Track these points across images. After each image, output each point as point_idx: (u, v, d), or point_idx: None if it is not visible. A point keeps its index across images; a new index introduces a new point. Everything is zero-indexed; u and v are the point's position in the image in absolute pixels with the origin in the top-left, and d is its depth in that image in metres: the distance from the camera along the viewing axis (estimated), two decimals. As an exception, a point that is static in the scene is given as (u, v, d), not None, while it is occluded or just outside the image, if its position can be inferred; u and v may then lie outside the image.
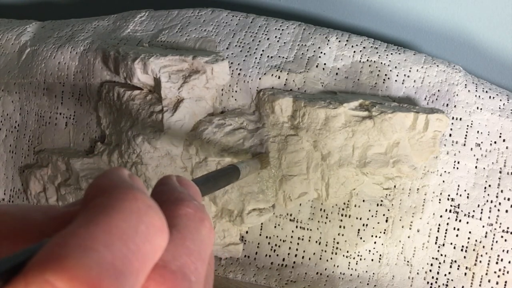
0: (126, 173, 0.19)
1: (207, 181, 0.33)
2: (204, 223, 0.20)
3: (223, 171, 0.39)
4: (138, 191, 0.17)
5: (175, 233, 0.18)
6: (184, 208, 0.19)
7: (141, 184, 0.19)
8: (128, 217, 0.16)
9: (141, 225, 0.16)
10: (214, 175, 0.36)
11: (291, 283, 0.49)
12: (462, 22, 0.58)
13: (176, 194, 0.20)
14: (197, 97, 0.48)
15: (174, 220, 0.19)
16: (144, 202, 0.17)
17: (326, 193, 0.47)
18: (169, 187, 0.21)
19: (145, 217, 0.17)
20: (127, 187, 0.17)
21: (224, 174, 0.38)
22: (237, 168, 0.39)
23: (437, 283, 0.48)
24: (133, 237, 0.16)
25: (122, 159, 0.50)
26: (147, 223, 0.17)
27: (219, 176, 0.36)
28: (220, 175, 0.36)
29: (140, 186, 0.19)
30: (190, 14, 0.56)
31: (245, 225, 0.49)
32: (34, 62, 0.58)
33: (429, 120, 0.44)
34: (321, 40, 0.51)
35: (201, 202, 0.21)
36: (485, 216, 0.47)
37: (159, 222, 0.17)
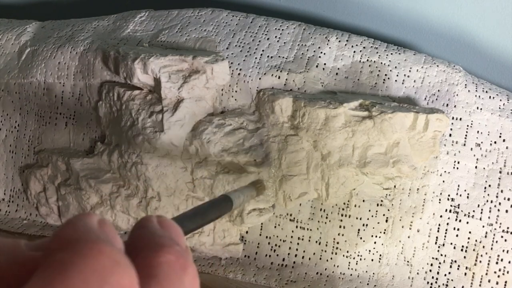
0: (95, 220, 0.17)
1: (194, 216, 0.31)
2: (187, 271, 0.18)
3: (214, 202, 0.38)
4: (105, 243, 0.16)
5: (153, 285, 0.17)
6: (164, 255, 0.18)
7: (111, 233, 0.17)
8: (90, 277, 0.15)
9: (105, 286, 0.15)
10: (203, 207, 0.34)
11: (291, 283, 0.49)
12: (462, 22, 0.58)
13: (156, 239, 0.18)
14: (197, 97, 0.48)
15: (153, 269, 0.17)
16: (110, 257, 0.15)
17: (326, 193, 0.47)
18: (148, 230, 0.19)
19: (111, 276, 0.15)
20: (92, 240, 0.16)
21: (215, 206, 0.36)
22: (229, 198, 0.37)
23: (437, 283, 0.48)
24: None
25: (122, 159, 0.50)
26: (112, 283, 0.15)
27: (209, 209, 0.34)
28: (209, 207, 0.35)
29: (109, 236, 0.17)
30: (190, 14, 0.56)
31: (245, 225, 0.49)
32: (34, 62, 0.58)
33: (429, 120, 0.44)
34: (321, 40, 0.51)
35: (184, 244, 0.19)
36: (485, 216, 0.47)
37: (127, 281, 0.15)
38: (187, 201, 0.49)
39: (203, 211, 0.32)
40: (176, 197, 0.49)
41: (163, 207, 0.50)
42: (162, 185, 0.49)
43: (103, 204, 0.52)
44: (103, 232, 0.17)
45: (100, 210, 0.52)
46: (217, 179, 0.48)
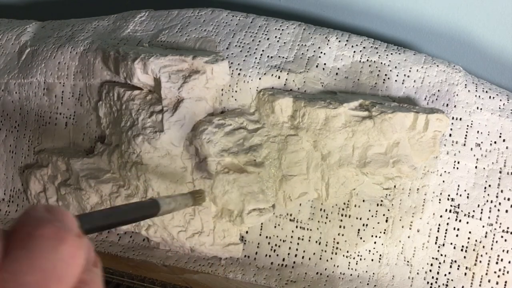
0: None
1: (111, 214, 0.31)
2: (65, 241, 0.19)
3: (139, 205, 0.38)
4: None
5: (22, 252, 0.18)
6: (39, 229, 0.18)
7: None
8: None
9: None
10: (125, 208, 0.34)
11: (291, 283, 0.49)
12: (462, 22, 0.58)
13: (34, 220, 0.19)
14: (197, 97, 0.48)
15: (25, 241, 0.18)
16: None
17: (326, 193, 0.47)
18: (31, 214, 0.20)
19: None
20: None
21: (138, 208, 0.36)
22: (157, 203, 0.37)
23: (437, 283, 0.48)
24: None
25: (122, 159, 0.50)
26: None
27: (130, 210, 0.34)
28: (133, 209, 0.35)
29: None
30: (190, 14, 0.56)
31: (245, 225, 0.49)
32: (34, 62, 0.58)
33: (429, 120, 0.44)
34: (321, 40, 0.51)
35: (74, 228, 0.20)
36: (485, 216, 0.47)
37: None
38: (187, 201, 0.49)
39: (123, 212, 0.32)
40: (176, 197, 0.49)
41: (163, 207, 0.50)
42: (162, 185, 0.49)
43: (103, 204, 0.52)
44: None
45: (100, 210, 0.52)
46: (217, 179, 0.48)
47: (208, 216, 0.50)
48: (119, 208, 0.33)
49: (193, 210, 0.50)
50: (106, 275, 0.49)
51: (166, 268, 0.51)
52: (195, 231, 0.50)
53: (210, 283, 0.49)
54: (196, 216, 0.50)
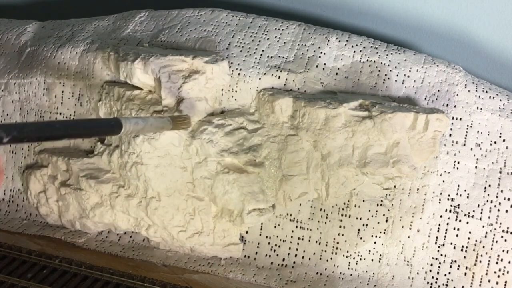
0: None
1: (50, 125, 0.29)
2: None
3: (97, 120, 0.36)
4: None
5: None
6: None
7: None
8: None
9: None
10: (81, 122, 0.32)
11: (291, 283, 0.49)
12: (462, 22, 0.58)
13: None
14: (197, 97, 0.48)
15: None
16: None
17: (326, 193, 0.47)
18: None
19: None
20: None
21: (95, 123, 0.34)
22: (119, 121, 0.35)
23: (437, 283, 0.48)
24: None
25: (122, 159, 0.50)
26: None
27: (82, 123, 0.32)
28: (84, 122, 0.33)
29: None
30: (190, 14, 0.56)
31: (245, 225, 0.49)
32: (34, 62, 0.58)
33: (429, 120, 0.44)
34: (321, 40, 0.51)
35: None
36: (485, 216, 0.47)
37: None
38: (187, 201, 0.49)
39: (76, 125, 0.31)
40: (176, 197, 0.49)
41: (163, 207, 0.50)
42: (162, 185, 0.49)
43: (103, 204, 0.52)
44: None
45: (100, 210, 0.52)
46: (217, 179, 0.48)
47: (208, 216, 0.50)
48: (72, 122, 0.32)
49: (193, 210, 0.50)
50: (106, 275, 0.49)
51: (166, 268, 0.51)
52: (195, 231, 0.50)
53: (210, 283, 0.49)
54: (196, 216, 0.50)
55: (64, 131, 0.30)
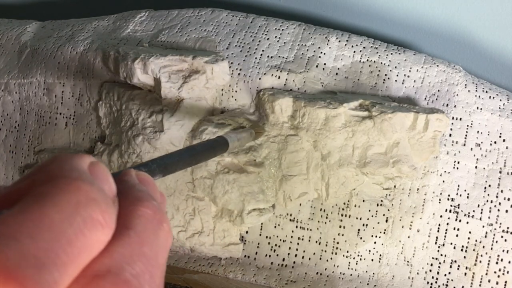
0: (85, 162, 0.18)
1: (182, 157, 0.30)
2: (163, 225, 0.18)
3: (208, 144, 0.36)
4: (85, 182, 0.16)
5: (132, 236, 0.17)
6: (142, 209, 0.18)
7: (101, 174, 0.18)
8: (64, 208, 0.16)
9: (77, 218, 0.16)
10: (197, 149, 0.32)
11: (291, 283, 0.49)
12: (462, 22, 0.58)
13: (134, 193, 0.19)
14: (197, 97, 0.48)
15: (132, 221, 0.18)
16: (87, 194, 0.16)
17: (326, 193, 0.47)
18: (128, 184, 0.20)
19: (84, 209, 0.16)
20: (72, 178, 0.16)
21: (209, 147, 0.35)
22: (226, 140, 0.36)
23: (437, 283, 0.48)
24: (65, 229, 0.15)
25: (122, 159, 0.50)
26: (84, 216, 0.16)
27: (202, 150, 0.33)
28: (203, 149, 0.33)
29: (98, 176, 0.18)
30: (190, 14, 0.56)
31: (245, 225, 0.49)
32: (34, 62, 0.58)
33: (429, 120, 0.44)
34: (321, 40, 0.51)
35: (158, 199, 0.20)
36: (485, 216, 0.47)
37: (100, 216, 0.16)
38: (187, 201, 0.49)
39: (194, 153, 0.31)
40: (176, 197, 0.49)
41: (163, 207, 0.50)
42: (162, 185, 0.49)
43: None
44: (88, 173, 0.17)
45: (100, 210, 0.52)
46: (217, 179, 0.48)
47: (208, 216, 0.50)
48: (191, 149, 0.32)
49: (193, 210, 0.50)
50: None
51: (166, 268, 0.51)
52: (195, 231, 0.50)
53: (210, 283, 0.49)
54: (196, 216, 0.50)
55: (189, 160, 0.31)
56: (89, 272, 0.16)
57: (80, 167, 0.17)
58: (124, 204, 0.18)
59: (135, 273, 0.16)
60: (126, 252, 0.17)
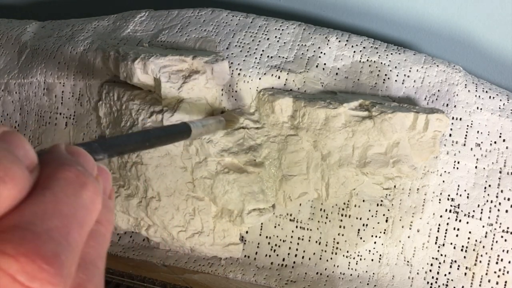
0: None
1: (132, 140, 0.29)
2: (87, 187, 0.19)
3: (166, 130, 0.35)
4: None
5: (48, 195, 0.17)
6: (63, 171, 0.18)
7: (15, 142, 0.18)
8: None
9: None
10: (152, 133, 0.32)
11: (291, 283, 0.49)
12: (462, 22, 0.58)
13: (58, 160, 0.19)
14: (197, 97, 0.48)
15: (50, 182, 0.18)
16: None
17: (326, 193, 0.47)
18: (53, 154, 0.20)
19: None
20: None
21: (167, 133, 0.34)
22: (188, 126, 0.35)
23: (437, 283, 0.48)
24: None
25: (122, 159, 0.50)
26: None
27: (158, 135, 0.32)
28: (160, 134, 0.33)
29: (10, 143, 0.18)
30: (190, 14, 0.56)
31: (245, 225, 0.49)
32: (34, 62, 0.58)
33: (429, 120, 0.44)
34: (321, 40, 0.51)
35: (93, 171, 0.20)
36: (485, 216, 0.47)
37: (1, 172, 0.16)
38: (187, 201, 0.49)
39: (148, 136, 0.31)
40: (176, 197, 0.49)
41: (163, 207, 0.50)
42: (162, 185, 0.49)
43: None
44: None
45: (100, 210, 0.52)
46: (217, 179, 0.48)
47: (208, 216, 0.50)
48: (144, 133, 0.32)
49: (193, 210, 0.50)
50: (106, 275, 0.49)
51: (166, 268, 0.51)
52: (195, 231, 0.50)
53: (210, 283, 0.49)
54: (196, 216, 0.50)
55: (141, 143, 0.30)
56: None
57: None
58: (45, 169, 0.18)
59: (47, 228, 0.17)
60: (38, 209, 0.17)
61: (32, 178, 0.18)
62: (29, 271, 0.15)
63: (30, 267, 0.16)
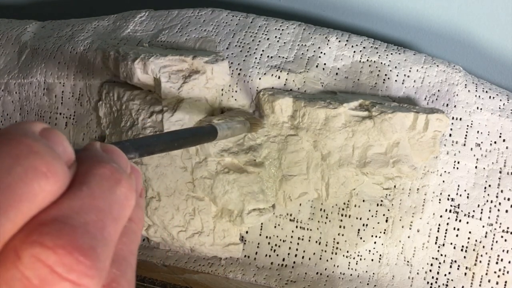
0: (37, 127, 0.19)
1: (161, 140, 0.30)
2: (121, 183, 0.19)
3: (194, 131, 0.36)
4: (28, 138, 0.17)
5: (85, 190, 0.18)
6: (99, 168, 0.19)
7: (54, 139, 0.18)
8: (3, 159, 0.16)
9: (17, 168, 0.16)
10: (180, 134, 0.33)
11: (291, 283, 0.49)
12: (462, 22, 0.58)
13: (94, 157, 0.20)
14: (197, 97, 0.48)
15: (86, 178, 0.18)
16: (29, 148, 0.17)
17: (326, 193, 0.47)
18: (89, 152, 0.20)
19: (25, 160, 0.16)
20: (16, 134, 0.17)
21: (194, 134, 0.35)
22: (215, 128, 0.36)
23: (437, 283, 0.48)
24: (3, 177, 0.16)
25: (122, 159, 0.50)
26: (25, 167, 0.16)
27: (186, 136, 0.33)
28: (187, 135, 0.33)
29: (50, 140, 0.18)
30: (190, 14, 0.56)
31: (245, 225, 0.49)
32: (34, 62, 0.58)
33: (429, 120, 0.44)
34: (321, 40, 0.51)
35: (127, 169, 0.21)
36: (485, 216, 0.47)
37: (44, 168, 0.17)
38: (187, 201, 0.49)
39: (176, 137, 0.31)
40: (176, 197, 0.49)
41: (163, 207, 0.50)
42: (162, 185, 0.49)
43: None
44: (36, 133, 0.18)
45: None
46: (217, 179, 0.48)
47: (208, 216, 0.50)
48: (173, 133, 0.32)
49: (193, 210, 0.50)
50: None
51: (166, 268, 0.51)
52: (195, 231, 0.50)
53: (210, 283, 0.49)
54: (196, 216, 0.50)
55: (170, 144, 0.30)
56: (35, 221, 0.16)
57: (30, 129, 0.18)
58: (82, 166, 0.19)
59: (84, 221, 0.17)
60: (76, 204, 0.17)
61: (70, 174, 0.18)
62: (67, 263, 0.16)
63: (67, 259, 0.16)
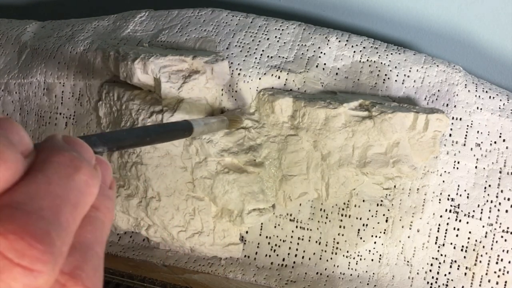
0: None
1: (131, 135, 0.29)
2: (81, 170, 0.19)
3: (167, 126, 0.35)
4: None
5: (40, 177, 0.18)
6: (57, 156, 0.19)
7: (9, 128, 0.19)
8: None
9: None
10: (153, 129, 0.32)
11: (291, 283, 0.49)
12: (462, 22, 0.58)
13: (53, 146, 0.20)
14: (197, 97, 0.48)
15: (43, 165, 0.18)
16: None
17: (326, 193, 0.47)
18: (50, 142, 0.20)
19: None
20: None
21: (168, 130, 0.34)
22: (190, 124, 0.35)
23: (437, 283, 0.48)
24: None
25: (122, 159, 0.50)
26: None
27: (159, 131, 0.32)
28: (160, 131, 0.33)
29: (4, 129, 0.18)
30: (190, 14, 0.56)
31: (245, 225, 0.49)
32: (34, 62, 0.58)
33: (429, 120, 0.44)
34: (321, 40, 0.51)
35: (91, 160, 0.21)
36: (485, 216, 0.47)
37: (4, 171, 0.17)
38: (187, 201, 0.49)
39: (148, 132, 0.31)
40: (176, 197, 0.49)
41: (163, 207, 0.50)
42: (162, 185, 0.49)
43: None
44: None
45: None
46: (217, 179, 0.48)
47: (208, 216, 0.50)
48: (145, 129, 0.32)
49: (193, 210, 0.50)
50: (106, 275, 0.49)
51: (166, 268, 0.51)
52: (195, 231, 0.50)
53: (210, 283, 0.49)
54: (196, 216, 0.50)
55: (141, 139, 0.30)
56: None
57: None
58: (40, 155, 0.19)
59: (38, 207, 0.17)
60: (30, 190, 0.17)
61: (26, 163, 0.18)
62: (18, 248, 0.16)
63: (19, 244, 0.16)
